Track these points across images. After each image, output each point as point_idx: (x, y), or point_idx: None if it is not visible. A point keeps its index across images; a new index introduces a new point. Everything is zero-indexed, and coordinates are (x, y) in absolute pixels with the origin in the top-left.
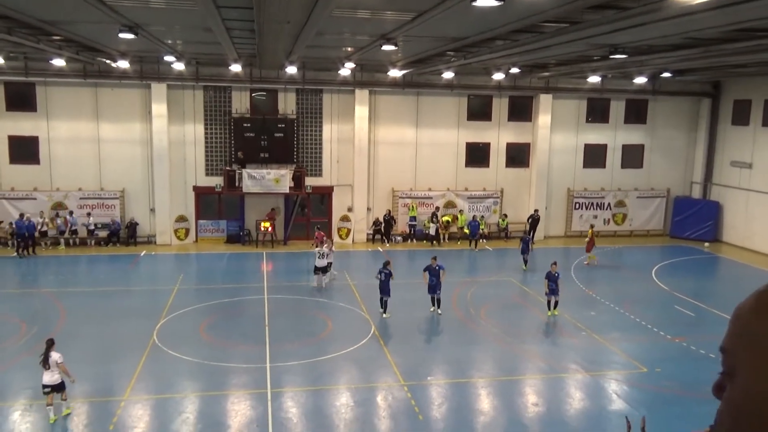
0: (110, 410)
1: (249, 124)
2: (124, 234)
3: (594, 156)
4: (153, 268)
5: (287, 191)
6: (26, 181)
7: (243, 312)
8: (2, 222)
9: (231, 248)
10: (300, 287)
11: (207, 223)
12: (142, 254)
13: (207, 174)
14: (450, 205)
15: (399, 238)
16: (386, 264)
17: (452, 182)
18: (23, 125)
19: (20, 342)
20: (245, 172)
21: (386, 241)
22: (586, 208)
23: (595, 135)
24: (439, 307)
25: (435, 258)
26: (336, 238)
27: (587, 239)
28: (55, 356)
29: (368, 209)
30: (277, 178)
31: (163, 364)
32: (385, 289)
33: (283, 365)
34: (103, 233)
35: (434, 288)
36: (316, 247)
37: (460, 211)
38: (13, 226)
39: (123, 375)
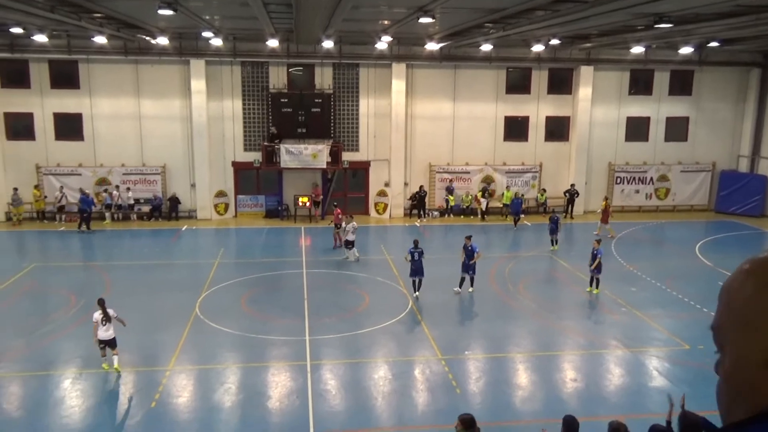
0: (156, 379)
1: (286, 100)
2: (165, 209)
3: (636, 129)
4: (194, 242)
5: (324, 166)
6: (71, 157)
7: (282, 286)
8: (46, 197)
9: (270, 223)
10: (338, 262)
11: (246, 198)
12: (183, 228)
13: (245, 149)
14: (488, 179)
15: (435, 212)
16: (416, 243)
17: (490, 157)
18: (67, 102)
19: (70, 313)
20: (283, 147)
21: (422, 216)
22: (628, 183)
23: (638, 107)
24: (471, 285)
25: (469, 237)
26: (373, 212)
27: (600, 211)
28: (110, 312)
29: (405, 184)
30: (314, 154)
31: (206, 336)
32: (419, 269)
33: (322, 338)
34: (145, 208)
35: (466, 267)
36: (344, 223)
37: (507, 187)
38: (64, 199)
39: (167, 346)
